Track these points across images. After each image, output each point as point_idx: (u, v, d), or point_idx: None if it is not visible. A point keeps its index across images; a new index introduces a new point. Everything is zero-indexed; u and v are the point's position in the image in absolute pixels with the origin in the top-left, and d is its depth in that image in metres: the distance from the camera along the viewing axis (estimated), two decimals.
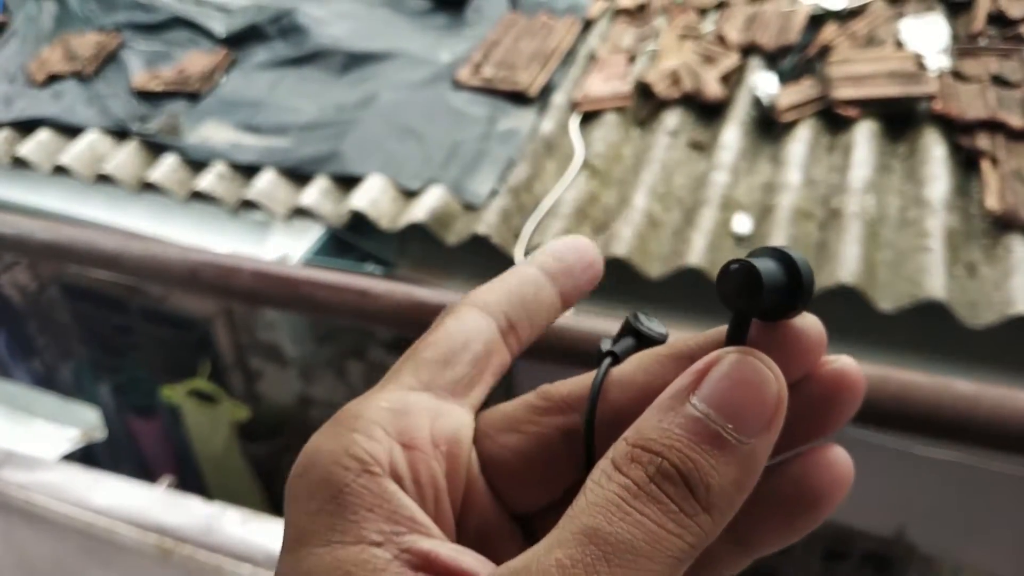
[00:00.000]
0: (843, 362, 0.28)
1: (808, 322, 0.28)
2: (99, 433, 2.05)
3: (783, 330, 0.28)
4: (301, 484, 0.27)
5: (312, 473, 0.27)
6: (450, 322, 0.32)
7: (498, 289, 0.33)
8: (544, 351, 0.84)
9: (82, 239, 1.06)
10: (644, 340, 0.33)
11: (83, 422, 2.06)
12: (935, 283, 1.63)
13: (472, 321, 0.32)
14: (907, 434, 0.74)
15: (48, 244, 1.09)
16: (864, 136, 1.93)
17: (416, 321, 0.88)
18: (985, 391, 0.75)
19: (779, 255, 0.27)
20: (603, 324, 0.85)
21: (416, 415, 0.28)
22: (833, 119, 2.01)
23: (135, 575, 1.50)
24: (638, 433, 0.24)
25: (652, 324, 0.34)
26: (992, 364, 1.64)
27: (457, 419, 0.30)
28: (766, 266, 0.27)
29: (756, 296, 0.26)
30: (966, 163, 1.88)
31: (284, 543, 0.27)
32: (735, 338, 0.28)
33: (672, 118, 2.09)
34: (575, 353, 0.84)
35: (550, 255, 0.34)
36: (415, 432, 0.28)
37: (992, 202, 1.75)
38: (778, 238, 1.75)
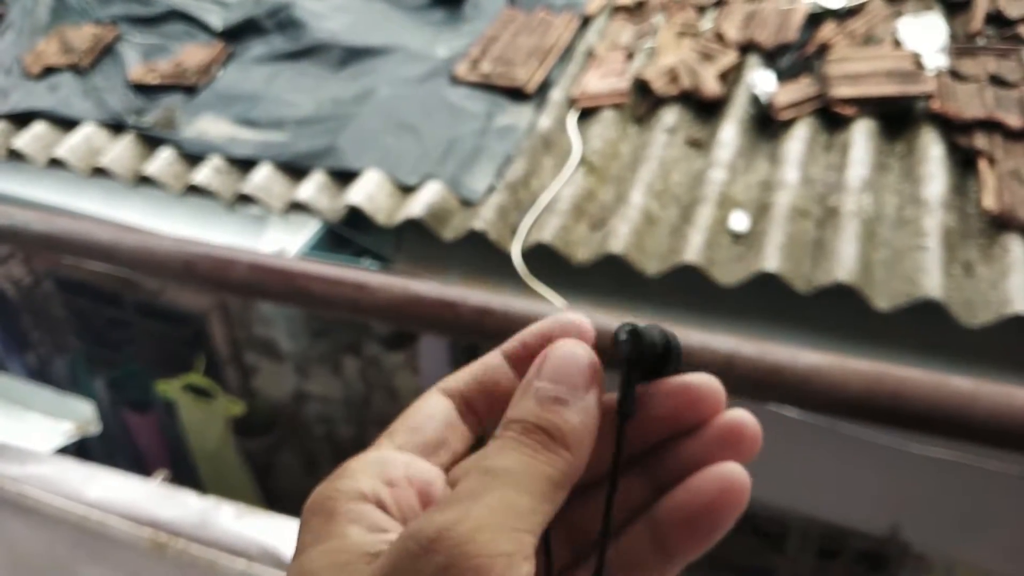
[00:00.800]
0: (739, 415, 0.36)
1: (700, 379, 0.37)
2: (93, 427, 2.05)
3: (674, 385, 0.37)
4: (305, 515, 0.35)
5: (314, 505, 0.35)
6: (419, 402, 0.40)
7: (462, 376, 0.41)
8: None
9: (77, 230, 1.06)
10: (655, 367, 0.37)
11: (77, 416, 2.06)
12: (932, 282, 1.63)
13: (434, 402, 0.40)
14: (904, 431, 0.74)
15: (43, 235, 1.08)
16: (861, 135, 1.93)
17: (413, 315, 0.88)
18: (982, 388, 0.75)
19: (655, 329, 0.36)
20: (595, 318, 0.84)
21: (393, 464, 0.37)
22: (831, 117, 2.01)
23: (128, 569, 1.49)
24: (509, 413, 0.35)
25: (651, 337, 0.37)
26: (989, 363, 1.64)
27: (427, 470, 0.37)
28: (648, 336, 0.36)
29: (640, 359, 0.36)
30: (963, 162, 1.89)
31: (293, 555, 0.35)
32: (626, 387, 0.36)
33: (670, 115, 2.08)
34: None
35: (518, 340, 0.41)
36: (394, 474, 0.36)
37: (989, 201, 1.76)
38: (775, 236, 1.75)
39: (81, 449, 2.11)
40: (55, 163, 2.42)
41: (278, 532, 1.38)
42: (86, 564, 1.55)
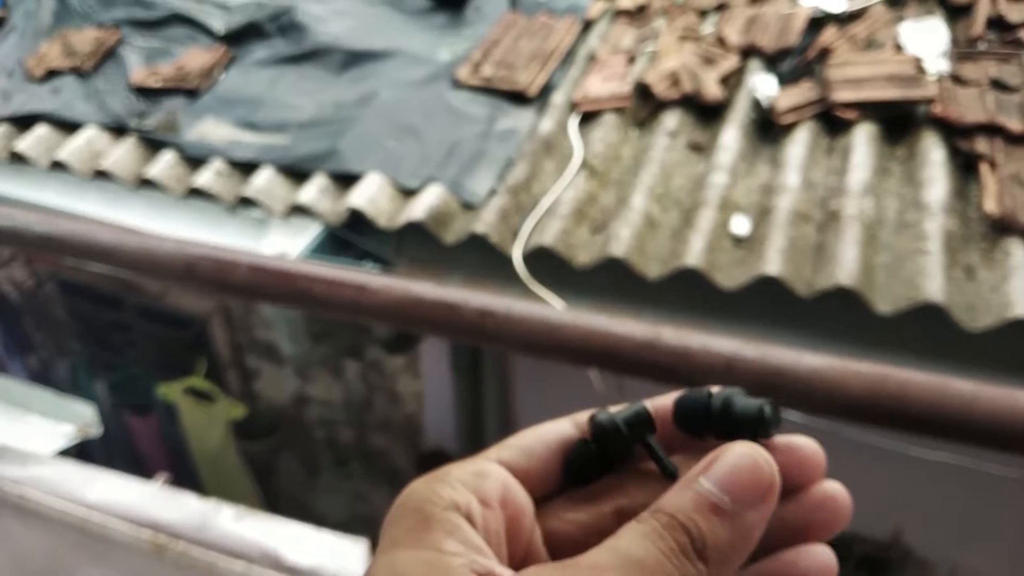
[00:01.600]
0: (836, 487, 0.35)
1: (803, 443, 0.36)
2: (94, 429, 2.05)
3: (778, 445, 0.35)
4: (399, 511, 0.34)
5: (408, 504, 0.34)
6: (545, 424, 0.39)
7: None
8: (540, 347, 0.84)
9: (78, 232, 1.06)
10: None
11: (78, 418, 2.06)
12: (933, 286, 1.63)
13: (556, 428, 0.38)
14: (906, 433, 0.74)
15: (44, 236, 1.08)
16: (863, 139, 1.93)
17: (414, 317, 0.88)
18: (983, 390, 0.75)
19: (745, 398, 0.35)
20: (598, 321, 0.84)
21: (491, 481, 0.35)
22: (832, 122, 2.01)
23: (129, 571, 1.49)
24: (661, 503, 0.32)
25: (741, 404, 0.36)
26: (990, 367, 1.64)
27: (521, 497, 0.36)
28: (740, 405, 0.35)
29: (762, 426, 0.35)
30: (965, 166, 1.89)
31: (379, 549, 0.34)
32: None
33: (671, 119, 2.08)
34: (570, 350, 0.84)
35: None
36: (489, 493, 0.35)
37: (990, 205, 1.75)
38: (776, 239, 1.75)
39: (82, 452, 2.11)
40: (57, 166, 2.43)
41: (278, 534, 1.37)
42: (87, 566, 1.55)
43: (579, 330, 0.83)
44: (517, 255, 1.86)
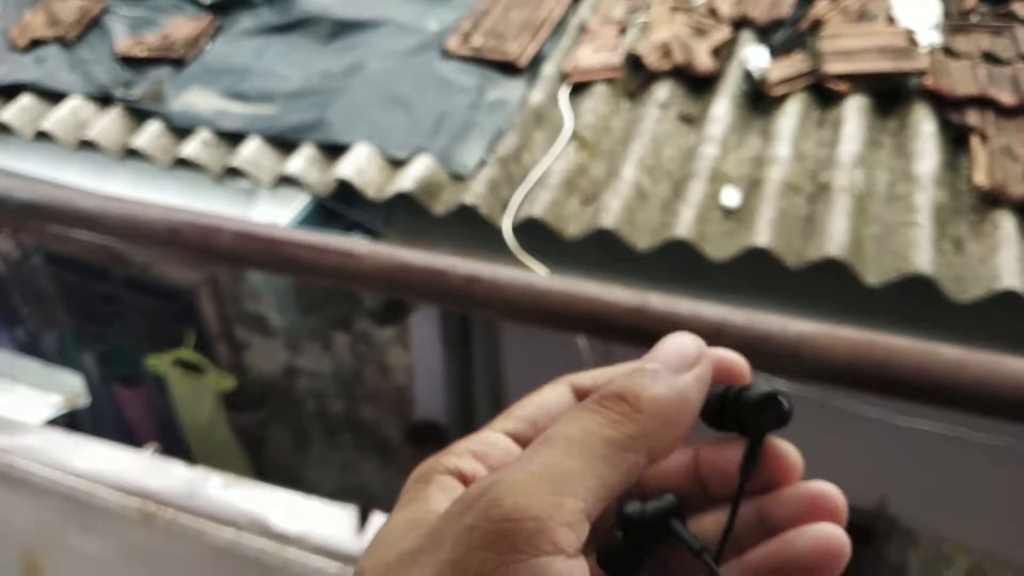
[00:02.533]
0: (822, 486, 0.35)
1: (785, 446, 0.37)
2: (82, 399, 2.04)
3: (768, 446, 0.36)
4: (408, 483, 0.36)
5: (416, 476, 0.36)
6: (542, 389, 0.39)
7: (596, 375, 0.39)
8: (527, 312, 0.84)
9: (61, 198, 1.04)
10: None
11: (66, 388, 2.05)
12: (922, 258, 1.63)
13: (555, 393, 0.39)
14: (892, 398, 0.74)
15: (27, 204, 1.07)
16: (854, 111, 1.93)
17: (400, 284, 0.87)
18: (970, 356, 0.75)
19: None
20: (584, 287, 0.84)
21: (496, 448, 0.36)
22: (823, 93, 2.01)
23: (118, 538, 1.49)
24: (610, 385, 0.33)
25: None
26: (977, 339, 1.65)
27: None
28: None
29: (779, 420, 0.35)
30: (956, 139, 1.88)
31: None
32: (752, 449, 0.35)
33: (662, 90, 2.07)
34: (556, 315, 0.83)
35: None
36: (493, 459, 0.36)
37: (980, 178, 1.75)
38: (766, 211, 1.75)
39: (71, 423, 2.10)
40: (42, 136, 2.40)
41: (266, 502, 1.38)
42: (76, 534, 1.55)
43: (565, 296, 0.82)
44: (507, 226, 1.85)
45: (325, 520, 1.29)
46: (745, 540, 0.35)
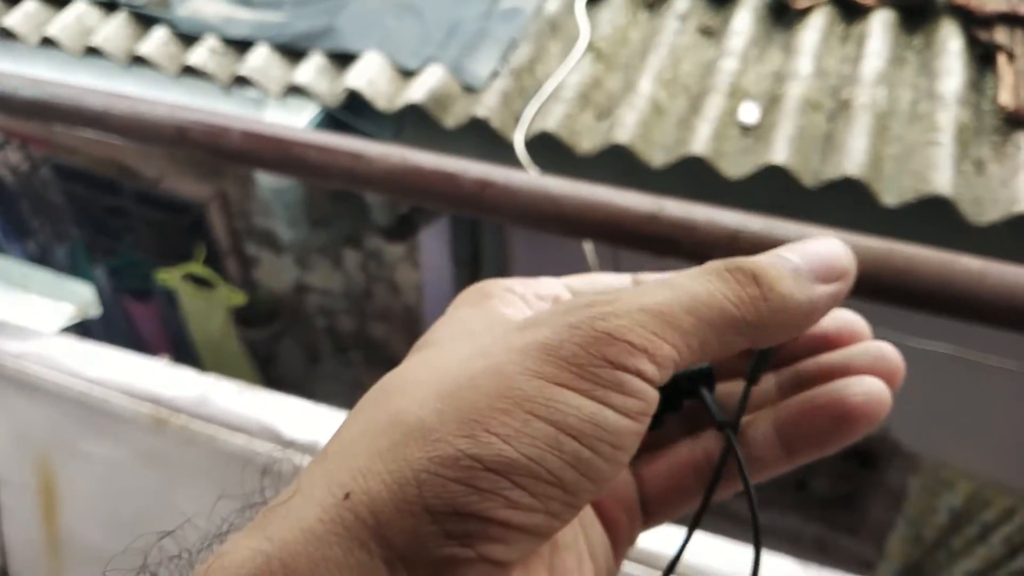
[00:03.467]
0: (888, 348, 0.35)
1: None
2: (94, 310, 2.05)
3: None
4: (458, 298, 0.36)
5: (467, 292, 0.36)
6: (606, 276, 0.38)
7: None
8: (540, 218, 0.83)
9: (67, 96, 1.02)
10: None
11: (78, 298, 2.06)
12: (942, 178, 1.60)
13: (618, 281, 0.38)
14: (911, 308, 0.73)
15: (32, 101, 1.05)
16: (879, 26, 1.86)
17: (411, 186, 0.86)
18: (991, 266, 0.73)
19: None
20: (599, 192, 0.82)
21: (549, 284, 0.36)
22: (848, 8, 1.94)
23: (129, 444, 1.52)
24: (750, 260, 0.31)
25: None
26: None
27: None
28: None
29: None
30: (982, 58, 1.82)
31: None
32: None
33: (682, 2, 2.01)
34: (570, 221, 0.82)
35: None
36: (545, 291, 0.36)
37: (1005, 98, 1.71)
38: (785, 128, 1.71)
39: (83, 336, 2.12)
40: (47, 42, 2.35)
41: (278, 410, 1.39)
42: (89, 439, 1.57)
43: (580, 201, 0.81)
44: (519, 140, 1.82)
45: (335, 428, 1.30)
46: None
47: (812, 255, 0.31)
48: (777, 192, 1.70)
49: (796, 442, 0.34)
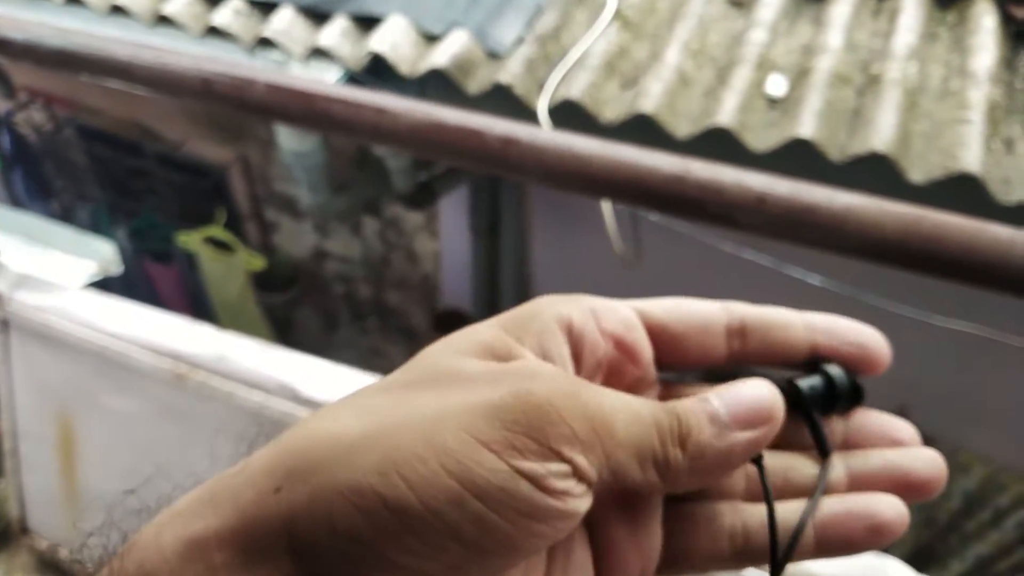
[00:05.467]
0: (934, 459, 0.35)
1: (900, 426, 0.36)
2: (115, 267, 2.07)
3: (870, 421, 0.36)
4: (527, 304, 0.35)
5: (535, 303, 0.35)
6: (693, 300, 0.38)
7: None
8: (565, 177, 0.82)
9: (92, 46, 1.02)
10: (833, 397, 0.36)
11: (99, 255, 2.08)
12: (971, 156, 1.58)
13: (710, 308, 0.37)
14: (939, 276, 0.72)
15: (58, 51, 1.05)
16: (912, 1, 1.83)
17: (435, 143, 0.85)
18: (1021, 235, 0.72)
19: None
20: (626, 151, 0.81)
21: (614, 312, 0.35)
22: None
23: (150, 398, 1.53)
24: (675, 402, 0.32)
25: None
26: None
27: (642, 343, 0.36)
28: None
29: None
30: (1016, 35, 1.79)
31: None
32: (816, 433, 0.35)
33: None
34: (596, 181, 0.81)
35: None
36: (605, 323, 0.35)
37: None
38: (813, 101, 1.68)
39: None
40: (73, 1, 2.35)
41: (295, 368, 1.40)
42: (109, 392, 1.59)
43: (606, 160, 0.80)
44: (542, 108, 1.80)
45: (352, 387, 1.31)
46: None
47: (736, 402, 0.31)
48: (802, 166, 1.68)
49: (831, 541, 0.34)
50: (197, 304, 3.72)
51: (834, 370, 0.35)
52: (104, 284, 2.08)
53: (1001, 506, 2.45)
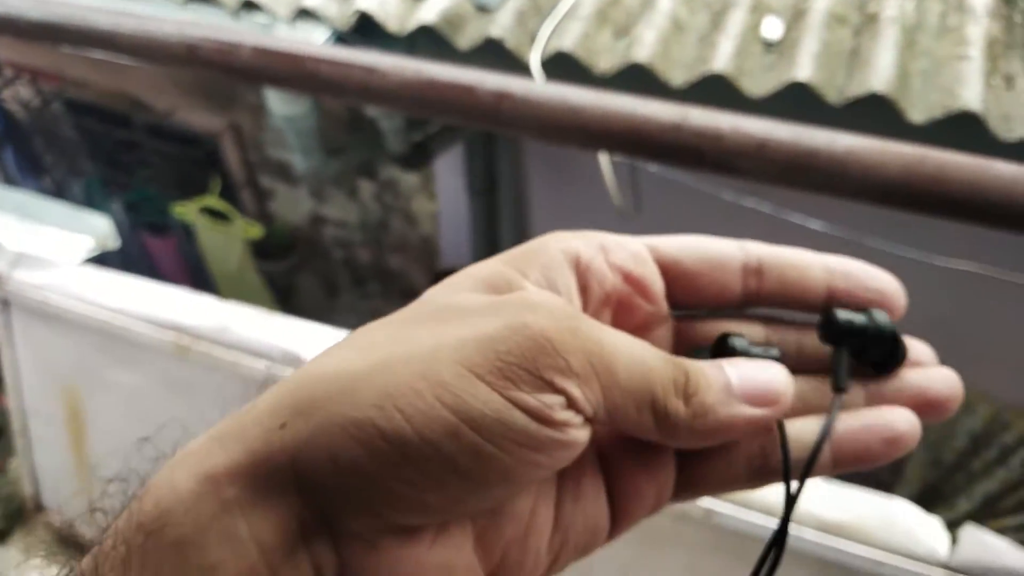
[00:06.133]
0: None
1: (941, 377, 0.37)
2: (112, 241, 2.06)
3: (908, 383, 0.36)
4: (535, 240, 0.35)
5: (542, 239, 0.35)
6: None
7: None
8: (560, 130, 0.80)
9: (74, 17, 1.00)
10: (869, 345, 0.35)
11: (95, 231, 2.06)
12: (971, 93, 1.55)
13: (729, 246, 0.37)
14: (943, 216, 0.71)
15: (39, 23, 1.03)
16: None
17: (427, 99, 0.84)
18: None
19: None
20: (621, 101, 0.80)
21: (623, 247, 0.35)
22: None
23: (154, 371, 1.53)
24: (686, 361, 0.31)
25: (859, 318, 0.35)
26: None
27: (654, 283, 0.36)
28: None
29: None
30: None
31: None
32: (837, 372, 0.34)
33: None
34: (592, 132, 0.80)
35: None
36: (614, 257, 0.35)
37: None
38: (809, 43, 1.66)
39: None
40: None
41: (298, 336, 1.40)
42: (113, 367, 1.59)
43: (601, 111, 0.79)
44: (535, 61, 1.77)
45: None
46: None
47: (750, 378, 0.31)
48: (801, 109, 1.66)
49: (846, 455, 0.34)
50: (197, 275, 3.71)
51: (880, 315, 0.35)
52: (102, 259, 2.08)
53: (1007, 444, 2.46)
